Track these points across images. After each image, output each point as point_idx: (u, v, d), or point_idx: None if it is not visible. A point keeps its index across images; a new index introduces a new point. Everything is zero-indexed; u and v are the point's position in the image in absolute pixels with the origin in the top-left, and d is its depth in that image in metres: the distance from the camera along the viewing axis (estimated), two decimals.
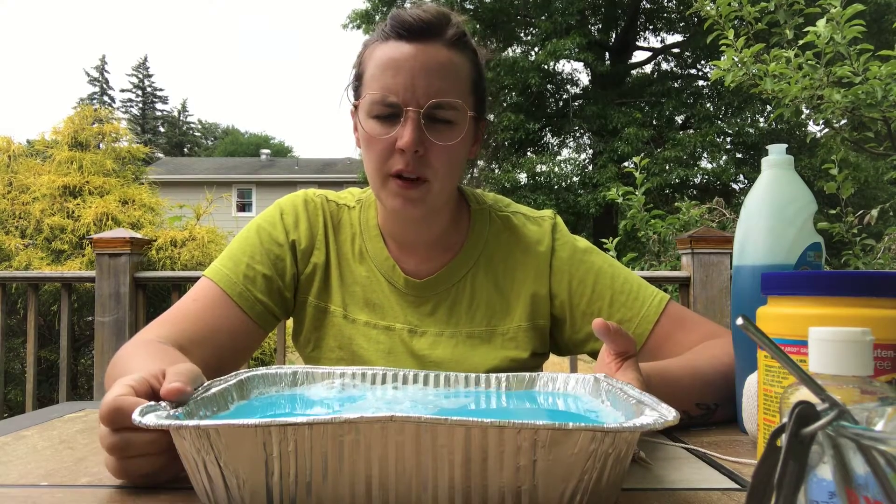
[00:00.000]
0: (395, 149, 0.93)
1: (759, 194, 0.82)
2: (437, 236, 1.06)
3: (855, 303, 0.61)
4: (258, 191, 23.19)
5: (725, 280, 2.58)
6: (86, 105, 5.52)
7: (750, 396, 0.76)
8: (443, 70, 0.94)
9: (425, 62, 0.93)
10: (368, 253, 1.07)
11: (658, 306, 1.04)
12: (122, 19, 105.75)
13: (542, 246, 1.08)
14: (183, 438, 0.51)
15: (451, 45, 0.95)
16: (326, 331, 1.06)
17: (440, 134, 0.94)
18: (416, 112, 0.92)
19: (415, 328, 1.04)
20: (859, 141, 3.50)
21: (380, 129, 0.94)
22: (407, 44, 0.94)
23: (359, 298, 1.06)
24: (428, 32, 0.94)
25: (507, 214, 1.11)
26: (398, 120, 0.93)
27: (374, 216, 1.08)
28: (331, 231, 1.08)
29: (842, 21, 2.81)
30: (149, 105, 44.45)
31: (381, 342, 1.04)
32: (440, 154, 0.94)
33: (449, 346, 1.03)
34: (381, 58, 0.95)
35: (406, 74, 0.92)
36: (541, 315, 1.06)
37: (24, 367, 3.22)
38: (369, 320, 1.05)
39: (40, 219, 4.38)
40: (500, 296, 1.06)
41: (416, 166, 0.93)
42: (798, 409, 0.33)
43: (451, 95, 0.94)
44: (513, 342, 1.05)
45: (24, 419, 0.89)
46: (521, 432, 0.49)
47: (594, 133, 14.94)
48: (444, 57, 0.94)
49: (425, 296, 1.05)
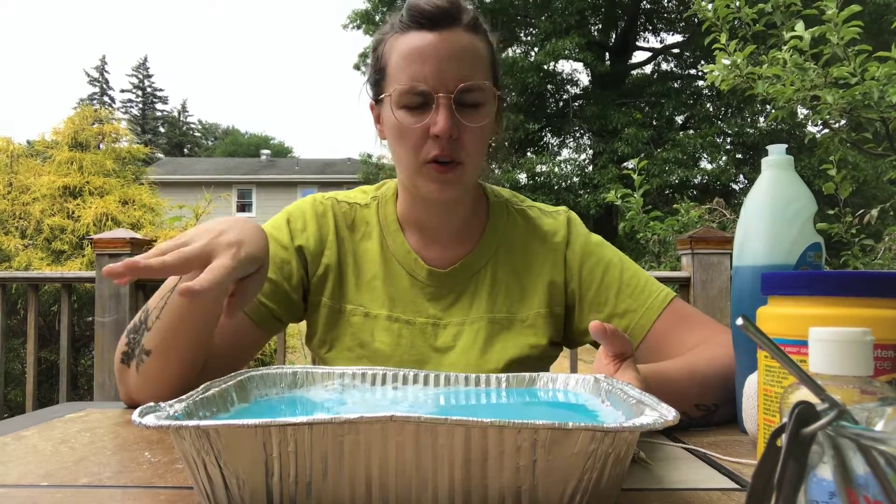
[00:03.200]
0: (430, 135, 0.95)
1: (759, 194, 0.82)
2: (458, 225, 1.08)
3: (855, 303, 0.61)
4: (258, 191, 23.20)
5: (725, 280, 2.58)
6: (86, 105, 5.52)
7: (750, 396, 0.76)
8: (467, 54, 0.96)
9: (450, 48, 0.95)
10: (389, 246, 1.08)
11: (663, 300, 1.05)
12: (122, 19, 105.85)
13: (558, 237, 1.10)
14: (182, 439, 0.51)
15: (470, 29, 0.98)
16: (343, 331, 1.06)
17: (470, 117, 0.96)
18: (447, 98, 0.94)
19: (437, 321, 1.05)
20: (857, 141, 3.51)
21: (411, 118, 0.96)
22: (429, 32, 0.95)
23: (379, 294, 1.06)
24: (447, 19, 0.96)
25: (524, 208, 1.15)
26: (429, 107, 0.95)
27: (393, 210, 1.10)
28: (344, 231, 1.09)
29: (839, 22, 2.82)
30: (149, 105, 44.46)
31: (404, 336, 1.04)
32: (472, 136, 0.97)
33: (471, 333, 1.04)
34: (405, 48, 0.96)
35: (433, 62, 0.94)
36: (557, 303, 1.09)
37: (25, 368, 3.22)
38: (391, 314, 1.05)
39: (40, 219, 4.39)
40: (518, 284, 1.08)
41: (451, 150, 0.96)
42: (798, 409, 0.33)
43: (477, 78, 0.96)
44: (532, 329, 1.06)
45: (24, 419, 0.89)
46: (521, 432, 0.49)
47: (594, 133, 14.96)
48: (466, 41, 0.97)
49: (447, 286, 1.07)
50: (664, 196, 12.56)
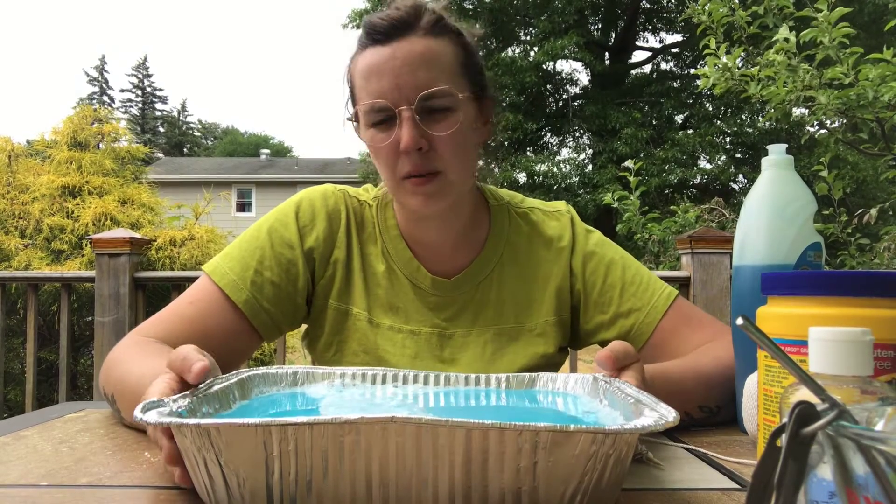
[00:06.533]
0: (400, 151, 0.92)
1: (759, 194, 0.82)
2: (459, 235, 1.05)
3: (855, 303, 0.61)
4: (258, 191, 23.17)
5: (725, 280, 2.58)
6: (85, 105, 5.52)
7: (750, 396, 0.76)
8: (423, 60, 0.92)
9: (404, 58, 0.91)
10: (390, 254, 1.05)
11: (667, 299, 1.04)
12: (122, 19, 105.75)
13: (564, 241, 1.08)
14: (184, 436, 0.51)
15: (428, 33, 0.93)
16: (349, 334, 1.03)
17: (439, 124, 0.92)
18: (409, 110, 0.90)
19: (443, 331, 1.03)
20: (854, 141, 3.52)
21: (380, 136, 0.93)
22: (382, 46, 0.92)
23: (382, 302, 1.03)
24: (400, 29, 0.93)
25: (525, 210, 1.11)
26: (394, 122, 0.92)
27: (393, 216, 1.06)
28: (353, 228, 1.05)
29: (830, 24, 2.82)
30: (148, 105, 44.42)
31: (408, 346, 1.01)
32: (445, 143, 0.93)
33: (478, 345, 1.02)
34: (363, 67, 0.94)
35: (389, 76, 0.91)
36: (564, 308, 1.07)
37: (24, 367, 3.21)
38: (393, 324, 1.02)
39: (40, 219, 4.38)
40: (525, 291, 1.06)
41: (423, 163, 0.92)
42: (798, 409, 0.33)
43: (438, 83, 0.91)
44: (541, 338, 1.04)
45: (24, 419, 0.89)
46: (522, 434, 0.49)
47: (593, 133, 14.95)
48: (421, 47, 0.92)
49: (452, 296, 1.04)
50: (663, 196, 12.56)
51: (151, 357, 0.82)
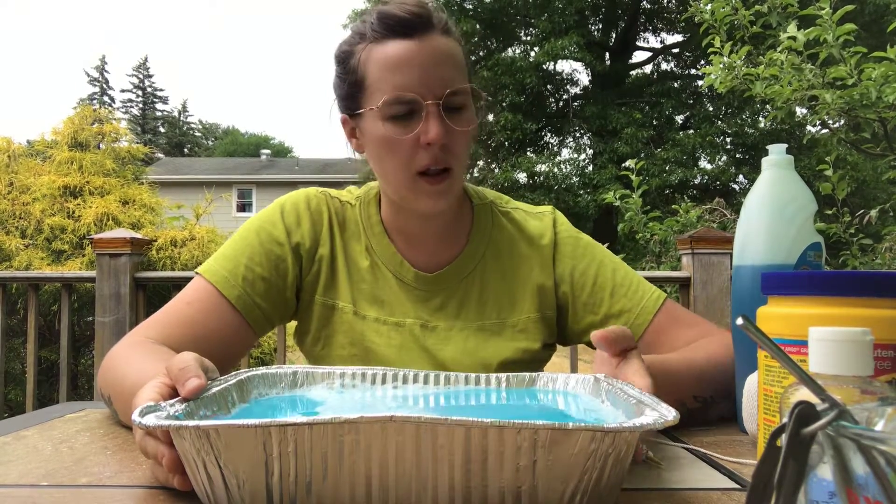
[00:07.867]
0: (421, 144, 0.94)
1: (759, 194, 0.82)
2: (443, 229, 1.07)
3: (855, 303, 0.61)
4: (258, 191, 23.18)
5: (725, 280, 2.58)
6: (86, 105, 5.52)
7: (750, 396, 0.76)
8: (448, 58, 0.96)
9: (432, 54, 0.94)
10: (374, 250, 1.07)
11: (657, 300, 1.06)
12: (122, 19, 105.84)
13: (545, 239, 1.09)
14: (183, 439, 0.51)
15: (444, 33, 0.97)
16: (336, 328, 1.05)
17: (457, 121, 0.95)
18: (436, 105, 0.93)
19: (426, 322, 1.04)
20: (856, 141, 3.51)
21: (399, 129, 0.94)
22: (408, 40, 0.94)
23: (367, 295, 1.05)
24: (423, 25, 0.94)
25: (508, 210, 1.14)
26: (417, 116, 0.93)
27: (376, 213, 1.08)
28: (336, 227, 1.08)
29: (833, 23, 2.82)
30: (149, 105, 44.43)
31: (393, 338, 1.03)
32: (460, 140, 0.96)
33: (460, 339, 1.04)
34: (386, 58, 0.94)
35: (417, 69, 0.93)
36: (548, 306, 1.08)
37: (25, 368, 3.22)
38: (378, 316, 1.04)
39: (40, 219, 4.38)
40: (507, 288, 1.07)
41: (442, 158, 0.95)
42: (798, 409, 0.33)
43: (460, 81, 0.95)
44: (523, 334, 1.06)
45: (24, 419, 0.89)
46: (521, 432, 0.49)
47: (594, 133, 14.95)
48: (445, 45, 0.96)
49: (435, 290, 1.06)
50: (664, 196, 12.56)
51: (148, 359, 0.82)
